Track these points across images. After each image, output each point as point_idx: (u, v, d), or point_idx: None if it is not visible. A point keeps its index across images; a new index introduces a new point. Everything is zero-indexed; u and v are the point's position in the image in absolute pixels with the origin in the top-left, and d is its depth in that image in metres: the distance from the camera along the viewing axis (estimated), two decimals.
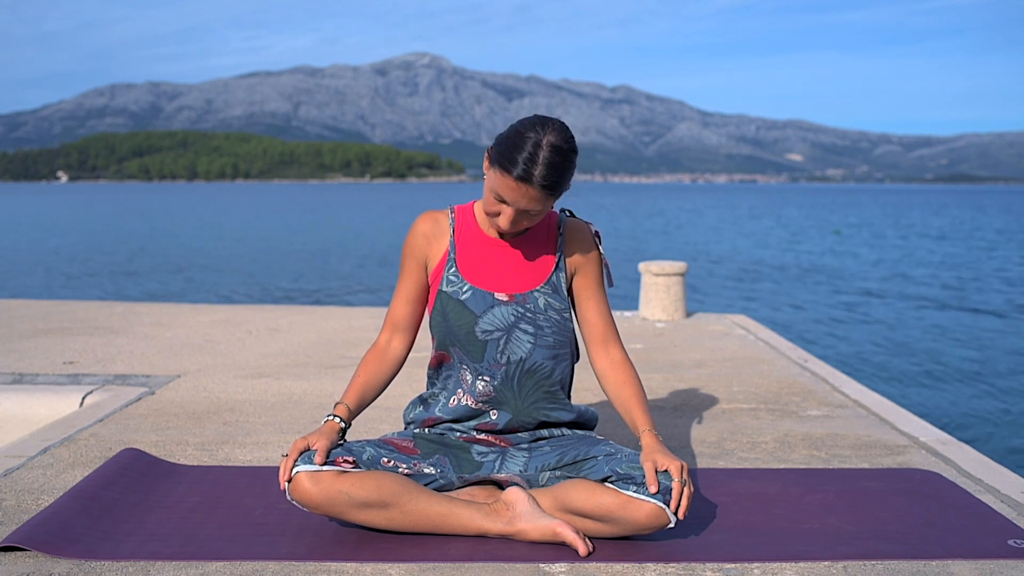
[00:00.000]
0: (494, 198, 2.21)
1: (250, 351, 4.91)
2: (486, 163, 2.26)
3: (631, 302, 6.62)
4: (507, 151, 2.14)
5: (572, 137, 2.20)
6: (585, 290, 2.41)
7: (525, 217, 2.23)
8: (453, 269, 2.34)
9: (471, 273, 2.33)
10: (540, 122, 2.17)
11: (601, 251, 2.42)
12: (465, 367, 2.34)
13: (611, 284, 2.47)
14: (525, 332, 2.31)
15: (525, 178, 2.12)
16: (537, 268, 2.36)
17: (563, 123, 2.19)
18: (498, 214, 2.22)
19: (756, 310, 14.90)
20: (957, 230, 43.59)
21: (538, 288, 2.33)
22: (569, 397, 2.45)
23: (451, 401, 2.37)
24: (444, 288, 2.33)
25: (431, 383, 2.46)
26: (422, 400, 2.45)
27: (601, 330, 2.42)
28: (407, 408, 2.48)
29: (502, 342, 2.30)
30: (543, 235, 2.39)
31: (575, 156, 2.19)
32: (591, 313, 2.42)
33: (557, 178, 2.15)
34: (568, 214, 2.45)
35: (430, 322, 2.37)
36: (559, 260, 2.37)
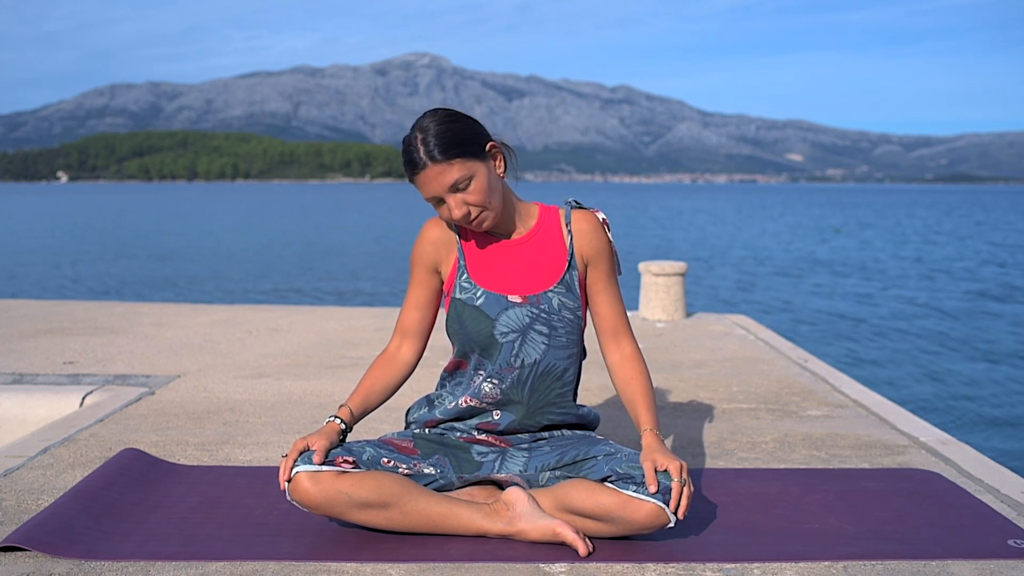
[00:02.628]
0: (435, 204, 2.23)
1: (250, 351, 4.91)
2: None
3: (631, 302, 6.63)
4: (404, 163, 2.21)
5: (450, 111, 2.24)
6: (597, 283, 2.38)
7: (468, 196, 2.19)
8: (465, 275, 2.32)
9: (483, 277, 2.32)
10: (416, 120, 2.23)
11: (611, 239, 2.39)
12: (481, 371, 2.34)
13: (620, 272, 2.45)
14: (540, 334, 2.30)
15: (419, 165, 2.17)
16: (549, 267, 2.33)
17: (442, 108, 2.24)
18: (449, 217, 2.22)
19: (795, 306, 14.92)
20: (975, 229, 43.58)
21: (552, 288, 2.31)
22: (576, 397, 2.44)
23: (451, 404, 2.37)
24: (458, 295, 2.32)
25: (442, 384, 2.45)
26: (428, 401, 2.44)
27: (612, 324, 2.40)
28: (412, 407, 2.47)
29: (517, 344, 2.29)
30: (550, 230, 2.37)
31: (457, 120, 2.22)
32: (603, 306, 2.40)
33: (444, 141, 2.16)
34: (574, 204, 2.41)
35: (447, 330, 2.36)
36: (571, 257, 2.34)
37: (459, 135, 2.18)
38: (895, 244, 32.79)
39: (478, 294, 2.30)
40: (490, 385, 2.32)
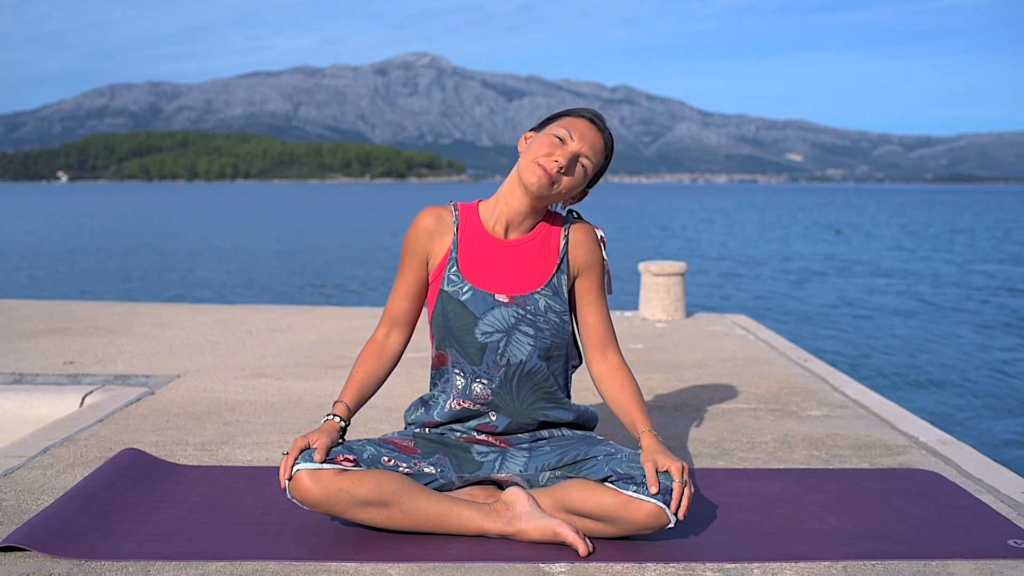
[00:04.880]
0: (555, 139, 2.28)
1: (250, 351, 4.91)
2: (523, 142, 2.40)
3: (631, 302, 6.64)
4: (585, 111, 2.36)
5: None
6: (587, 294, 2.41)
7: (573, 166, 2.29)
8: (454, 268, 2.34)
9: (472, 273, 2.33)
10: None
11: (605, 256, 2.42)
12: (458, 371, 2.34)
13: (610, 291, 2.48)
14: (525, 334, 2.31)
15: (597, 123, 2.34)
16: (539, 269, 2.35)
17: None
18: (550, 155, 2.26)
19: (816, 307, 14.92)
20: (989, 230, 43.61)
21: (539, 290, 2.33)
22: (569, 397, 2.45)
23: (447, 405, 2.37)
24: (445, 288, 2.33)
25: (433, 384, 2.46)
26: (423, 402, 2.45)
27: (600, 334, 2.43)
28: (408, 409, 2.48)
29: (502, 344, 2.30)
30: (547, 236, 2.39)
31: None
32: (591, 317, 2.42)
33: (611, 143, 2.39)
34: (575, 216, 2.45)
35: (431, 321, 2.37)
36: (561, 262, 2.37)
37: (612, 152, 2.44)
38: (904, 244, 32.77)
39: (464, 289, 2.31)
40: (480, 386, 2.33)
